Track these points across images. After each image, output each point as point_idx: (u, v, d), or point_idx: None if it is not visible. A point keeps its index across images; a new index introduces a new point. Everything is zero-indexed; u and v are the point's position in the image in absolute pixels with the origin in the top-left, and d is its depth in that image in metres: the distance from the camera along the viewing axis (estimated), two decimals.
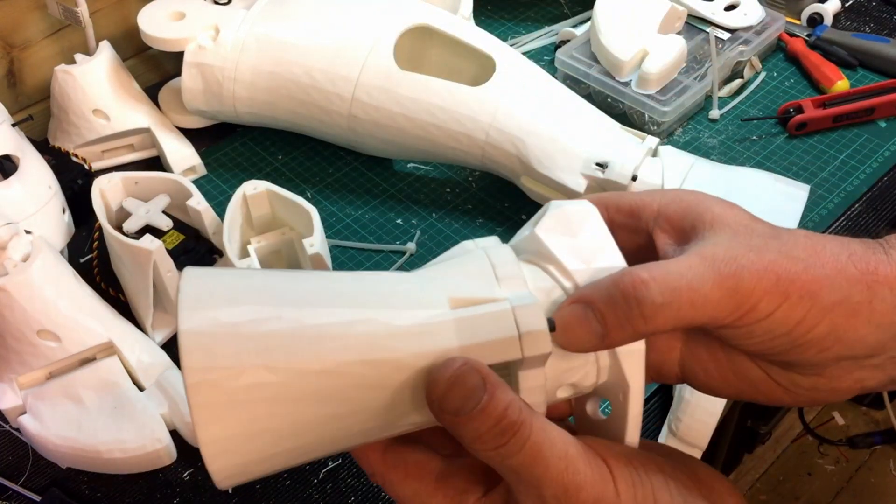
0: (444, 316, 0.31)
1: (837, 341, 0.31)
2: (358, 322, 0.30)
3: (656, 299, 0.30)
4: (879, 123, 0.85)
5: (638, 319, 0.30)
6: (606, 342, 0.31)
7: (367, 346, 0.30)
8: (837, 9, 0.97)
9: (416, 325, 0.31)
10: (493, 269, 0.33)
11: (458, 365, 0.30)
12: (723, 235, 0.32)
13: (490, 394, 0.30)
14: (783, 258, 0.31)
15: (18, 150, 0.71)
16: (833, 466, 1.57)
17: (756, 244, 0.32)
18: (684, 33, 0.89)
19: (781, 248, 0.31)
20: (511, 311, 0.31)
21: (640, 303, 0.30)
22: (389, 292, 0.32)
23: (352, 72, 0.73)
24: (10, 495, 0.60)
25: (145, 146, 0.84)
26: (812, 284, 0.31)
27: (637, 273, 0.31)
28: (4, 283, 0.59)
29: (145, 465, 0.60)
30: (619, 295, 0.30)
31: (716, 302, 0.30)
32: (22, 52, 0.84)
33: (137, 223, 0.68)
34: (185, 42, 0.77)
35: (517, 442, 0.30)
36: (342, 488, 0.60)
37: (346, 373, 0.30)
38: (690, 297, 0.30)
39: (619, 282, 0.31)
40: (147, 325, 0.67)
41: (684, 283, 0.30)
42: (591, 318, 0.31)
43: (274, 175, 0.82)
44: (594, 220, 0.34)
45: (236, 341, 0.29)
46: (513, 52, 0.75)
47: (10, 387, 0.62)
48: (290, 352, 0.29)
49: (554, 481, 0.30)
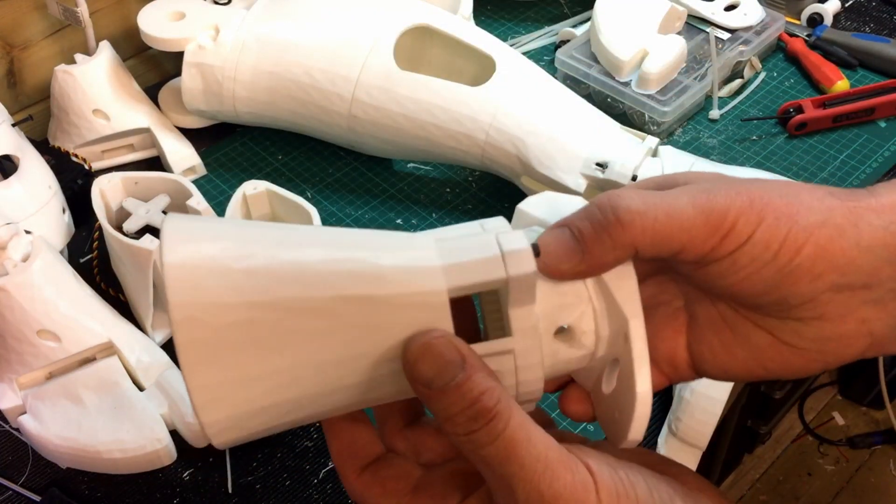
0: (429, 248, 0.31)
1: (828, 265, 0.31)
2: (344, 260, 0.30)
3: (631, 205, 0.30)
4: (879, 123, 0.85)
5: (615, 227, 0.30)
6: (588, 259, 0.31)
7: (352, 283, 0.29)
8: (837, 9, 0.97)
9: (402, 261, 0.30)
10: (482, 225, 0.33)
11: (436, 334, 0.29)
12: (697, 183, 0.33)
13: (468, 374, 0.29)
14: (756, 187, 0.32)
15: (18, 150, 0.71)
16: (833, 466, 1.57)
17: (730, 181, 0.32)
18: (684, 33, 0.89)
19: (755, 182, 0.32)
20: (494, 237, 0.31)
21: (615, 209, 0.30)
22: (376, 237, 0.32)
23: (352, 72, 0.73)
24: (10, 495, 0.60)
25: (145, 146, 0.84)
26: (788, 207, 0.31)
27: (616, 196, 0.31)
28: (4, 283, 0.59)
29: (145, 465, 0.60)
30: (594, 209, 0.31)
31: (691, 219, 0.31)
32: (22, 52, 0.84)
33: (137, 223, 0.68)
34: (185, 42, 0.77)
35: (490, 432, 0.29)
36: (342, 488, 0.60)
37: (334, 311, 0.29)
38: (666, 209, 0.31)
39: (595, 200, 0.31)
40: (147, 325, 0.67)
41: (658, 198, 0.31)
42: (569, 235, 0.31)
43: (274, 175, 0.82)
44: (575, 201, 0.34)
45: (223, 276, 0.28)
46: (513, 52, 0.75)
47: (10, 387, 0.62)
48: (278, 287, 0.29)
49: (528, 482, 0.29)
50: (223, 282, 0.28)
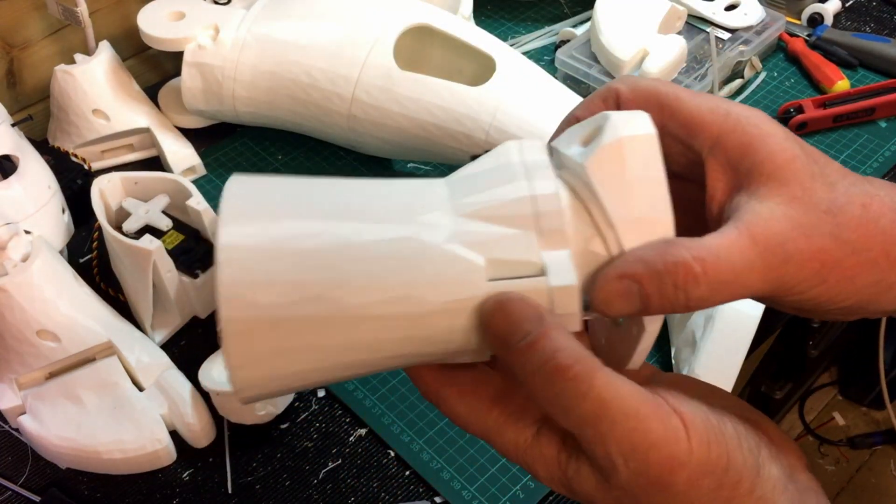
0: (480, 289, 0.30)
1: (859, 311, 0.33)
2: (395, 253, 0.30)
3: (703, 294, 0.30)
4: (880, 123, 0.85)
5: (681, 306, 0.30)
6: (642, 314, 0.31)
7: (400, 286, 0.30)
8: (838, 9, 0.97)
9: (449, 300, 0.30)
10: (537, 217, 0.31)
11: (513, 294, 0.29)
12: (777, 203, 0.31)
13: (544, 331, 0.29)
14: (832, 243, 0.31)
15: (18, 150, 0.71)
16: (833, 467, 1.57)
17: (810, 222, 0.31)
18: (684, 33, 0.88)
19: (833, 231, 0.31)
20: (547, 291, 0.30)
21: (687, 294, 0.30)
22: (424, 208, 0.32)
23: (352, 71, 0.73)
24: (10, 495, 0.60)
25: (145, 146, 0.83)
26: (853, 269, 0.31)
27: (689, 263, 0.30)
28: (4, 283, 0.59)
29: (145, 465, 0.60)
30: (668, 282, 0.30)
31: (758, 290, 0.31)
32: (22, 51, 0.84)
33: (137, 223, 0.68)
34: (185, 42, 0.77)
35: (574, 393, 0.28)
36: (342, 488, 0.60)
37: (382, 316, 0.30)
38: (734, 289, 0.30)
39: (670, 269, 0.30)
40: (147, 325, 0.67)
41: (732, 275, 0.30)
42: (635, 293, 0.30)
43: (274, 175, 0.82)
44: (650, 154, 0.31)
45: (274, 260, 0.29)
46: (513, 52, 0.75)
47: (9, 387, 0.62)
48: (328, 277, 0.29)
49: (621, 440, 0.29)
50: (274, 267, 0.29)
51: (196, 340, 0.69)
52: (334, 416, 0.64)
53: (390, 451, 0.62)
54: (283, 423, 0.63)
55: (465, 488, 0.59)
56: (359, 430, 0.63)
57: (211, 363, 0.61)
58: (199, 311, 0.70)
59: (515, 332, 0.29)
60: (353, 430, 0.63)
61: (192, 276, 0.67)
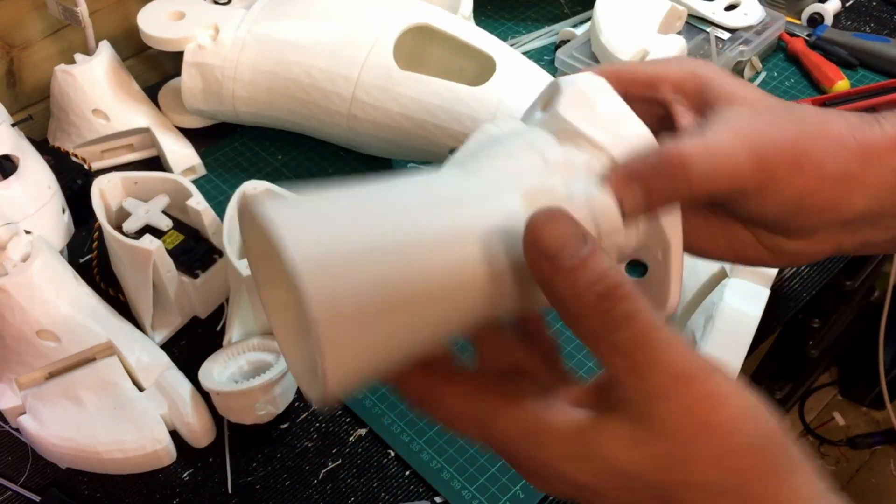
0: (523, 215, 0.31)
1: (834, 209, 0.35)
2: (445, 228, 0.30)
3: (702, 169, 0.33)
4: None
5: (683, 188, 0.33)
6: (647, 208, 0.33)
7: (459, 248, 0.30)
8: (838, 9, 0.97)
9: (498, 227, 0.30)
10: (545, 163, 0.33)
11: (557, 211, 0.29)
12: (742, 110, 0.35)
13: (592, 249, 0.28)
14: (799, 133, 0.34)
15: (18, 150, 0.71)
16: (833, 467, 1.57)
17: (775, 120, 0.35)
18: (684, 33, 0.88)
19: (797, 124, 0.35)
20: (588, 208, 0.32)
21: (686, 172, 0.33)
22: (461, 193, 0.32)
23: (352, 71, 0.73)
24: (10, 495, 0.60)
25: (145, 146, 0.83)
26: (821, 157, 0.34)
27: (681, 147, 0.33)
28: (4, 283, 0.59)
29: (145, 465, 0.60)
30: (666, 168, 0.33)
31: (748, 173, 0.33)
32: (22, 51, 0.84)
33: (137, 223, 0.68)
34: (185, 42, 0.77)
35: (623, 312, 0.28)
36: (342, 488, 0.60)
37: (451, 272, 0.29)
38: (727, 168, 0.33)
39: (666, 157, 0.33)
40: (147, 325, 0.67)
41: (722, 154, 0.33)
42: (637, 187, 0.32)
43: (274, 175, 0.82)
44: (607, 91, 0.35)
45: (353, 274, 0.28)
46: (513, 52, 0.75)
47: (9, 387, 0.62)
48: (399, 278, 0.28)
49: (663, 368, 0.28)
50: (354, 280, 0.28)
51: (196, 340, 0.69)
52: (334, 415, 0.64)
53: (390, 451, 0.62)
54: (283, 423, 0.63)
55: (465, 488, 0.59)
56: (359, 430, 0.63)
57: (211, 363, 0.61)
58: (199, 311, 0.70)
59: (567, 249, 0.28)
60: (353, 430, 0.63)
61: (192, 276, 0.67)
